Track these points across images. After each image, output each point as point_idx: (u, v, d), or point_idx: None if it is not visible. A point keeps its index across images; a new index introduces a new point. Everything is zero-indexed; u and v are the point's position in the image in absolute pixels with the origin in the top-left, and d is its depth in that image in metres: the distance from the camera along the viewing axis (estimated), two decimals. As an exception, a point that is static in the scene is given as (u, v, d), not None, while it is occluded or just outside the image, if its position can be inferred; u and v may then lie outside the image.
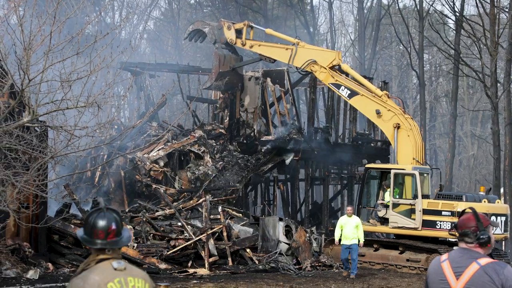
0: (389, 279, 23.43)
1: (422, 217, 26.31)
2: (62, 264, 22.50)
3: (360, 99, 29.15)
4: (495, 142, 36.72)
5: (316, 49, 32.75)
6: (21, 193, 17.62)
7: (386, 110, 28.25)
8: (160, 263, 23.75)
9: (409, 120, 28.06)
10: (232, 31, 33.57)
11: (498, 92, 37.07)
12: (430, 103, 74.22)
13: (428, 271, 6.02)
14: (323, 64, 30.25)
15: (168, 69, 41.09)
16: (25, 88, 16.26)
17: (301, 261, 26.67)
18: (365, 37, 57.20)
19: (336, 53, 31.46)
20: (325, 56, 31.07)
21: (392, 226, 27.04)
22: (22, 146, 16.93)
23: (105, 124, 17.69)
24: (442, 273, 5.84)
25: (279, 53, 32.33)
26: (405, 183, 27.23)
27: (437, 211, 26.03)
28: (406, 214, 26.81)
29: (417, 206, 26.42)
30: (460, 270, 5.75)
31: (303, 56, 31.01)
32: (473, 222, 5.89)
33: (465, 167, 77.45)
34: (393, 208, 27.05)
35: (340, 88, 29.62)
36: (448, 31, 58.77)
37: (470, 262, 5.76)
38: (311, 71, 30.96)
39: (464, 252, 5.87)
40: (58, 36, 16.15)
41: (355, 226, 23.43)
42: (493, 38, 36.96)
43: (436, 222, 25.98)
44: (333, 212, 39.23)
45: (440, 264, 5.90)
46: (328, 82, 30.34)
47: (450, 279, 5.78)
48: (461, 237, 5.91)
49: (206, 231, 25.12)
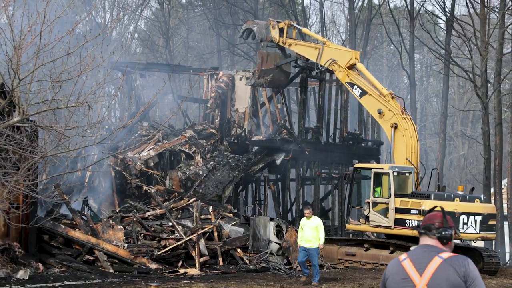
0: (379, 279, 23.35)
1: (395, 215, 26.44)
2: (52, 264, 22.44)
3: (367, 98, 29.51)
4: (485, 142, 36.78)
5: (338, 48, 33.46)
6: (11, 193, 17.57)
7: (387, 109, 28.44)
8: (151, 263, 23.72)
9: (407, 120, 28.17)
10: (276, 30, 34.54)
11: (488, 92, 37.13)
12: (420, 103, 74.37)
13: (387, 273, 5.96)
14: (342, 63, 30.94)
15: (159, 69, 41.16)
16: (15, 88, 16.22)
17: (291, 261, 26.67)
18: (356, 37, 57.12)
19: (353, 53, 31.96)
20: (344, 55, 31.64)
21: (372, 224, 27.20)
22: (12, 146, 16.88)
23: (95, 124, 17.66)
24: (404, 271, 5.79)
25: (310, 51, 33.29)
26: (383, 182, 27.33)
27: (407, 210, 26.14)
28: (383, 213, 26.96)
29: (390, 204, 26.59)
30: (423, 266, 5.73)
31: (327, 55, 31.83)
32: (439, 219, 5.91)
33: (456, 167, 77.62)
34: (373, 207, 27.20)
35: (354, 87, 30.20)
36: (438, 31, 58.84)
37: (432, 256, 5.74)
38: (333, 70, 31.74)
39: (425, 248, 5.86)
40: (48, 35, 16.11)
41: (314, 228, 21.56)
42: (483, 38, 37.03)
43: (406, 221, 26.10)
44: (324, 212, 39.23)
45: (400, 263, 5.86)
46: (345, 81, 31.04)
47: (413, 276, 5.73)
48: (424, 230, 5.91)
49: (196, 231, 25.10)
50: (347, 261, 27.69)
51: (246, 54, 63.99)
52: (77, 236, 23.84)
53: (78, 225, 24.40)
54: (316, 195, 36.61)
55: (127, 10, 60.88)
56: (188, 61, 63.12)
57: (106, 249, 23.60)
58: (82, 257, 23.31)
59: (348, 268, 27.16)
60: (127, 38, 62.07)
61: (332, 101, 38.26)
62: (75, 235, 23.86)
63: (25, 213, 20.38)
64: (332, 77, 37.99)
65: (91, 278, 21.21)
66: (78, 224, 24.44)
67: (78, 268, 22.28)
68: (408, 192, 26.93)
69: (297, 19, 57.19)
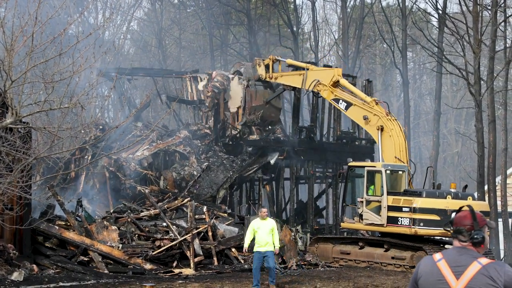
0: (374, 277, 23.46)
1: (387, 213, 26.49)
2: (47, 266, 22.41)
3: (353, 109, 29.88)
4: (479, 139, 36.80)
5: (320, 70, 33.79)
6: (4, 194, 17.54)
7: (372, 115, 28.69)
8: (145, 264, 23.71)
9: (392, 122, 28.39)
10: (262, 67, 35.42)
11: (481, 89, 37.14)
12: (414, 101, 74.46)
13: (420, 272, 5.81)
14: (326, 82, 31.40)
15: (144, 73, 41.46)
16: (7, 89, 16.18)
17: (286, 260, 26.69)
18: (349, 35, 57.21)
19: (335, 70, 32.35)
20: (326, 74, 32.06)
21: (365, 223, 27.25)
22: (6, 148, 16.85)
23: (89, 125, 17.63)
24: (440, 273, 5.66)
25: (295, 79, 33.89)
26: (376, 181, 27.39)
27: (399, 208, 26.19)
28: (376, 211, 27.01)
29: (383, 202, 26.66)
30: (460, 270, 5.58)
31: (311, 78, 32.36)
32: (469, 221, 5.77)
33: (450, 164, 77.75)
34: (366, 205, 27.26)
35: (339, 102, 30.67)
36: (431, 29, 58.93)
37: (471, 261, 5.60)
38: (318, 91, 32.26)
39: (462, 251, 5.71)
40: (40, 36, 16.08)
41: (270, 231, 19.78)
42: (476, 35, 37.06)
43: (398, 218, 26.15)
44: (319, 211, 39.27)
45: (435, 264, 5.72)
46: (330, 99, 31.55)
47: (449, 279, 5.60)
48: (455, 234, 5.77)
49: (191, 231, 25.09)
50: (341, 259, 27.71)
51: (239, 54, 63.97)
52: (72, 237, 23.81)
53: (73, 226, 24.37)
54: (310, 194, 36.62)
55: (119, 11, 60.80)
56: (181, 62, 63.06)
57: (100, 250, 23.58)
58: (77, 258, 23.28)
59: (343, 266, 27.18)
60: (120, 38, 62.00)
61: (326, 101, 38.27)
62: (70, 236, 23.83)
63: (19, 215, 20.34)
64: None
65: (86, 279, 21.19)
66: (72, 225, 24.40)
67: (72, 269, 22.25)
68: (401, 190, 26.99)
69: (289, 19, 57.24)
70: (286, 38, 63.08)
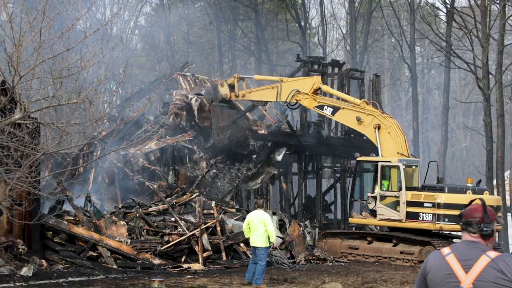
0: (383, 272, 23.44)
1: (406, 209, 26.41)
2: (56, 261, 22.45)
3: (341, 113, 29.66)
4: (487, 133, 36.75)
5: (297, 80, 33.04)
6: (13, 190, 17.57)
7: (366, 115, 28.55)
8: (154, 259, 23.73)
9: (388, 119, 28.32)
10: (226, 87, 34.16)
11: (490, 83, 37.08)
12: (422, 96, 74.35)
13: (428, 266, 5.78)
14: (306, 90, 30.91)
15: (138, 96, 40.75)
16: (16, 85, 16.21)
17: (295, 255, 26.69)
18: (357, 30, 57.14)
19: (315, 78, 31.99)
20: (305, 83, 31.61)
21: (380, 218, 27.15)
22: (14, 143, 16.88)
23: (101, 117, 17.66)
24: (449, 267, 5.62)
25: (268, 94, 32.87)
26: (391, 175, 27.30)
27: (420, 203, 26.10)
28: (392, 206, 26.92)
29: (401, 198, 26.54)
30: (469, 264, 5.56)
31: (287, 89, 31.60)
32: (479, 213, 5.75)
33: (458, 159, 77.64)
34: (380, 200, 27.16)
35: (323, 108, 30.31)
36: (439, 24, 58.78)
37: (480, 254, 5.58)
38: (297, 100, 31.51)
39: (470, 245, 5.69)
40: (48, 32, 16.09)
41: (261, 222, 19.53)
42: (484, 29, 36.97)
43: (419, 214, 26.06)
44: (327, 206, 39.25)
45: (444, 258, 5.69)
46: (312, 106, 31.00)
47: (458, 273, 5.57)
48: (465, 226, 5.75)
49: (199, 226, 25.10)
50: (350, 254, 27.70)
51: (246, 49, 63.98)
52: (80, 232, 23.85)
53: (81, 221, 24.41)
54: (318, 188, 36.60)
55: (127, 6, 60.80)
56: (189, 57, 63.06)
57: (109, 245, 23.61)
58: (86, 253, 23.31)
59: (351, 261, 27.17)
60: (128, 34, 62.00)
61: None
62: (78, 231, 23.87)
63: (28, 210, 20.38)
64: (334, 70, 37.98)
65: (95, 274, 21.22)
66: (81, 220, 24.44)
67: (81, 264, 22.29)
68: (414, 185, 26.91)
69: (297, 13, 57.19)
70: (294, 33, 63.06)
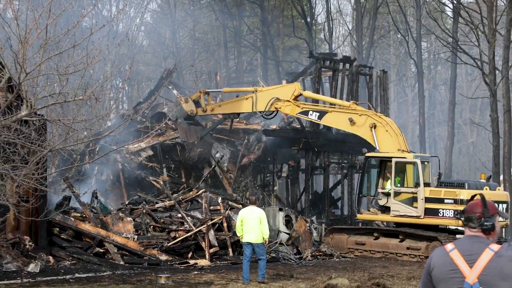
0: (389, 267, 23.44)
1: (425, 205, 26.35)
2: (63, 257, 22.50)
3: (330, 116, 29.38)
4: (494, 129, 36.66)
5: (275, 88, 32.41)
6: (20, 186, 17.61)
7: (358, 115, 28.41)
8: (161, 255, 23.77)
9: (383, 117, 28.26)
10: (190, 103, 33.15)
11: (496, 79, 36.98)
12: (428, 91, 74.22)
13: (433, 263, 5.75)
14: (286, 98, 30.42)
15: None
16: (22, 82, 16.24)
17: (301, 250, 26.71)
18: (363, 26, 57.05)
19: (295, 85, 31.60)
20: (285, 90, 31.15)
21: (394, 214, 27.02)
22: (21, 140, 16.92)
23: (103, 117, 17.69)
24: (453, 263, 5.60)
25: (242, 105, 32.09)
26: (407, 172, 27.23)
27: (440, 199, 26.03)
28: (408, 203, 26.83)
29: (419, 194, 26.44)
30: (473, 258, 5.54)
31: (264, 99, 30.97)
32: (479, 208, 5.76)
33: (465, 154, 77.52)
34: (394, 196, 27.05)
35: (308, 114, 29.94)
36: (445, 19, 58.67)
37: (483, 249, 5.57)
38: (276, 109, 30.91)
39: (473, 240, 5.68)
40: (54, 29, 16.12)
41: (257, 219, 18.98)
42: (490, 25, 36.87)
43: (439, 210, 26.00)
44: (334, 202, 39.25)
45: (447, 254, 5.67)
46: (295, 113, 30.56)
47: (462, 268, 5.54)
48: (466, 221, 5.76)
49: (206, 222, 25.13)
50: (356, 250, 27.70)
51: (252, 45, 63.95)
52: (87, 228, 23.90)
53: (88, 217, 24.46)
54: (325, 184, 36.58)
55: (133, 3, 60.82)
56: (196, 53, 63.09)
57: (116, 241, 23.66)
58: (93, 250, 23.37)
59: (357, 257, 27.17)
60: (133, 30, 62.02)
61: (344, 92, 38.28)
62: (85, 227, 23.92)
63: (34, 207, 20.43)
64: (345, 66, 37.92)
65: (102, 270, 21.26)
66: (88, 216, 24.49)
67: (88, 261, 22.34)
68: (426, 180, 26.86)
69: (303, 9, 57.13)
70: (300, 29, 62.96)
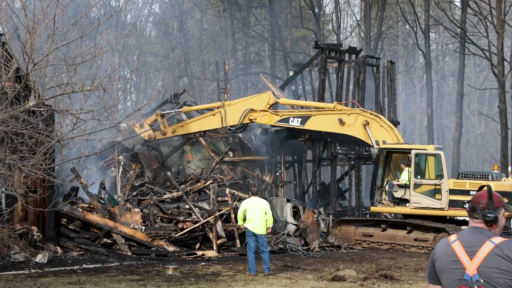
0: (397, 259, 23.40)
1: (449, 197, 26.33)
2: (71, 248, 22.55)
3: (314, 119, 28.99)
4: (502, 120, 36.57)
5: (246, 99, 31.40)
6: (28, 177, 17.62)
7: (347, 115, 28.16)
8: (168, 246, 23.79)
9: (373, 113, 28.17)
10: (146, 127, 31.73)
11: (505, 70, 36.88)
12: (437, 82, 74.05)
13: (436, 254, 5.80)
14: (261, 108, 29.69)
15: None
16: (30, 72, 16.22)
17: (309, 242, 26.68)
18: (371, 17, 56.85)
19: (268, 94, 30.86)
20: (259, 100, 30.35)
21: (415, 206, 26.80)
22: (28, 130, 16.91)
23: (111, 107, 17.66)
24: (454, 254, 5.63)
25: (209, 122, 31.03)
26: (428, 164, 27.08)
27: (465, 191, 25.95)
28: (430, 195, 26.73)
29: (443, 186, 26.36)
30: (474, 250, 5.55)
31: (235, 112, 30.09)
32: (484, 199, 5.74)
33: (473, 145, 77.40)
34: (414, 188, 26.84)
35: (289, 120, 29.35)
36: (454, 10, 58.48)
37: (484, 240, 5.56)
38: (250, 121, 30.09)
39: (475, 231, 5.67)
40: (62, 19, 16.09)
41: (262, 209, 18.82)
42: (499, 16, 36.74)
43: (464, 202, 25.91)
44: (341, 193, 39.21)
45: (450, 245, 5.69)
46: (274, 122, 29.85)
47: (463, 259, 5.57)
48: (470, 212, 5.75)
49: (213, 213, 25.12)
50: (364, 241, 27.64)
51: (260, 36, 63.84)
52: (95, 219, 23.93)
53: (96, 208, 24.49)
54: (333, 176, 36.51)
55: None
56: (203, 44, 63.02)
57: (123, 232, 23.68)
58: (100, 240, 23.40)
59: (365, 248, 27.13)
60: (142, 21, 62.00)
61: (350, 83, 38.16)
62: (93, 218, 23.95)
63: (42, 197, 20.46)
64: (351, 57, 37.77)
65: (109, 261, 21.30)
66: (95, 207, 24.52)
67: (96, 251, 22.38)
68: (438, 172, 26.85)
69: (311, 0, 56.96)
70: (308, 19, 62.84)
